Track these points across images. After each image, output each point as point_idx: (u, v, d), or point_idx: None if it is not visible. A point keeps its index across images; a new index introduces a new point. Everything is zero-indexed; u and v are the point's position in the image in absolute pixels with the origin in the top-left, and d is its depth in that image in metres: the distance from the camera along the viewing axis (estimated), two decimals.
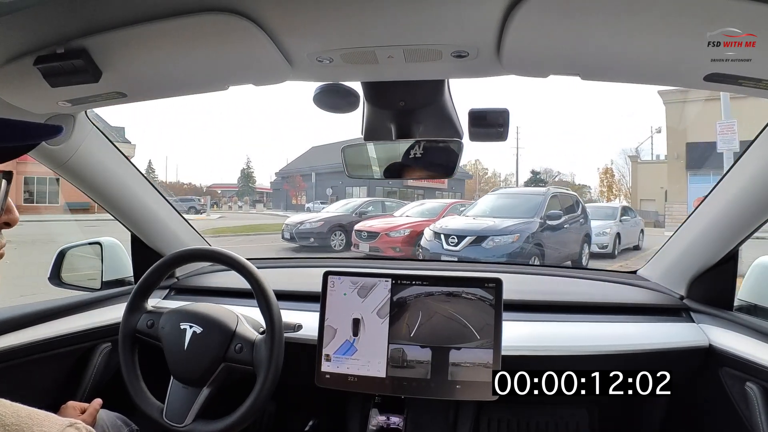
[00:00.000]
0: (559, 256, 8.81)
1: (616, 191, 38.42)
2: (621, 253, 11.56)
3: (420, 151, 1.24)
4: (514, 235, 7.93)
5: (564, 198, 9.71)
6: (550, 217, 8.65)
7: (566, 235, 9.03)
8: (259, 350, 1.33)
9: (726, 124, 9.76)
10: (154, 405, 1.37)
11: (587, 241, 9.71)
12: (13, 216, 0.74)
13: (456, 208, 11.15)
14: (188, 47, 0.91)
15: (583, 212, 9.99)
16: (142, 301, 1.47)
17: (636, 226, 13.24)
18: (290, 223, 12.04)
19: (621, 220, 12.12)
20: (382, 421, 1.44)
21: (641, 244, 13.13)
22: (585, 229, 9.76)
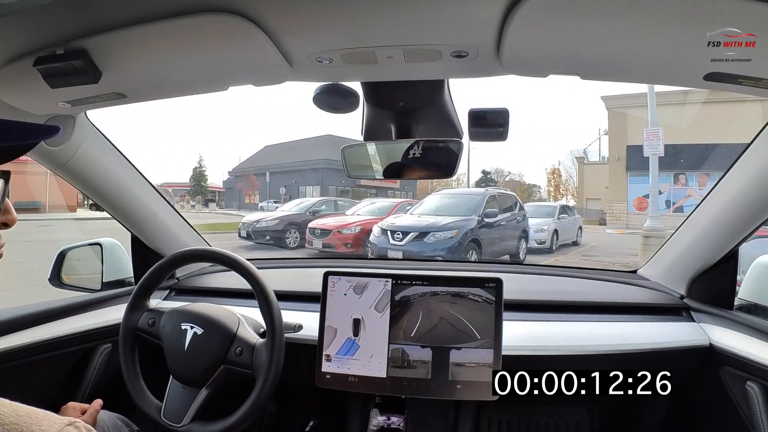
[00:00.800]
0: (496, 250, 9.79)
1: (563, 191, 39.88)
2: (559, 248, 12.59)
3: (419, 151, 1.24)
4: (452, 231, 8.78)
5: (503, 198, 10.65)
6: (487, 215, 9.52)
7: (503, 231, 10.01)
8: (260, 354, 1.33)
9: (652, 131, 11.11)
10: (153, 403, 1.37)
11: (524, 237, 10.78)
12: (11, 216, 0.74)
13: (403, 207, 12.02)
14: (188, 48, 0.91)
15: (521, 211, 11.01)
16: (144, 299, 1.47)
17: (574, 224, 14.52)
18: (247, 222, 12.45)
19: (559, 218, 13.20)
20: (383, 421, 1.44)
21: (579, 240, 14.41)
22: (522, 227, 10.77)
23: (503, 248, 10.04)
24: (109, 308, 1.65)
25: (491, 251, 9.49)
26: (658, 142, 10.92)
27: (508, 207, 10.55)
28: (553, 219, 12.85)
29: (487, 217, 9.48)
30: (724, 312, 1.48)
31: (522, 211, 11.09)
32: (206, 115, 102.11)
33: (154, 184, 1.70)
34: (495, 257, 9.64)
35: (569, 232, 13.78)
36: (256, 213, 14.69)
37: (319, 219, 11.98)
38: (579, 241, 14.33)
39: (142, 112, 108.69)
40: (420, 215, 9.87)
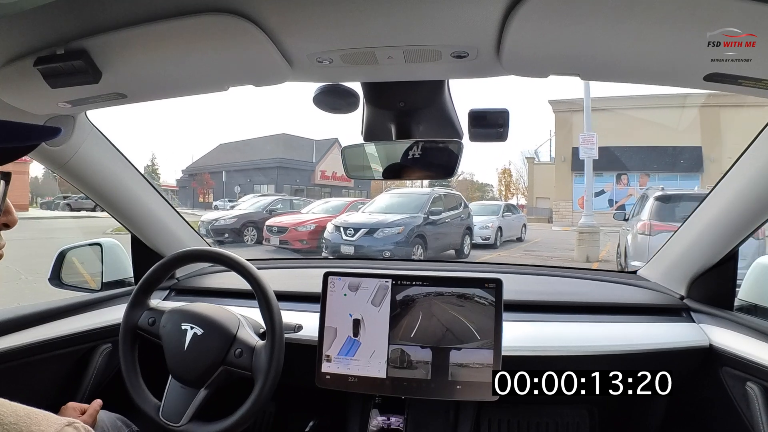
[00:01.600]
0: (441, 245, 10.64)
1: (513, 190, 41.46)
2: (503, 244, 13.55)
3: (419, 151, 1.24)
4: (399, 227, 9.58)
5: (449, 198, 11.46)
6: (432, 213, 10.33)
7: (448, 228, 10.79)
8: (259, 356, 1.33)
9: (587, 136, 12.21)
10: (151, 402, 1.37)
11: (468, 234, 11.49)
12: (12, 217, 0.74)
13: (356, 206, 12.77)
14: (188, 48, 0.91)
15: (466, 209, 11.83)
16: (145, 297, 1.47)
17: (519, 221, 15.64)
18: (205, 220, 12.92)
19: (503, 216, 14.23)
20: (383, 422, 1.44)
21: (523, 237, 15.47)
22: (466, 224, 11.52)
23: (448, 243, 10.86)
24: (109, 308, 1.65)
25: (436, 246, 10.33)
26: (592, 147, 12.08)
27: (454, 206, 11.34)
28: (497, 217, 13.88)
29: (432, 215, 10.28)
30: (724, 313, 1.48)
31: (466, 209, 11.92)
32: (159, 112, 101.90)
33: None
34: (440, 251, 10.51)
35: (513, 229, 14.83)
36: (214, 212, 15.04)
37: (276, 217, 12.58)
38: (523, 238, 15.37)
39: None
40: (371, 213, 10.61)
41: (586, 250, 10.92)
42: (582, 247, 11.06)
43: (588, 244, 10.98)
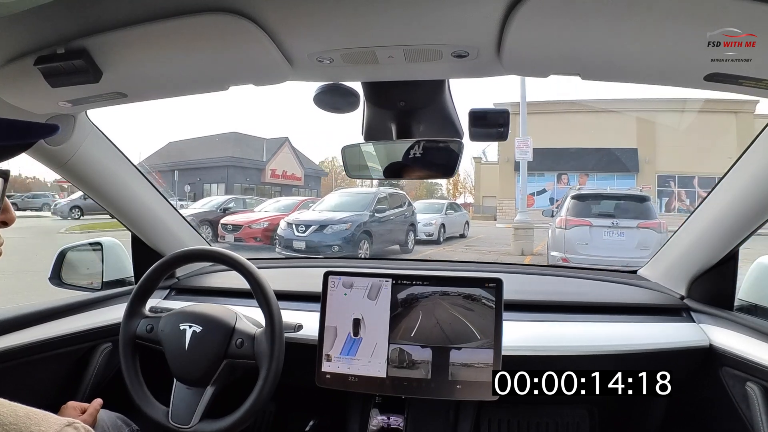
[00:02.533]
0: (386, 240, 11.42)
1: (461, 189, 42.93)
2: (446, 240, 14.32)
3: (420, 151, 1.24)
4: (347, 224, 10.26)
5: (394, 198, 12.21)
6: (377, 211, 11.09)
7: (392, 225, 11.62)
8: (260, 343, 1.33)
9: (522, 140, 13.10)
10: (159, 409, 1.37)
11: (412, 230, 12.36)
12: (9, 215, 0.75)
13: (307, 204, 13.38)
14: (189, 47, 0.91)
15: (410, 207, 12.70)
16: (140, 306, 1.47)
17: (461, 219, 16.45)
18: None
19: (446, 214, 15.00)
20: (383, 421, 1.44)
21: (466, 233, 16.32)
22: (410, 221, 12.40)
23: (393, 239, 11.68)
24: (109, 308, 1.65)
25: (382, 241, 11.14)
26: (527, 150, 13.06)
27: (398, 204, 12.12)
28: (440, 214, 14.64)
29: (377, 213, 11.08)
30: (724, 313, 1.48)
31: (410, 207, 12.77)
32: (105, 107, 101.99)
33: (52, 182, 1.69)
34: (385, 246, 11.32)
35: (456, 226, 15.65)
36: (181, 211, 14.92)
37: (230, 216, 13.25)
38: (466, 234, 16.25)
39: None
40: (320, 211, 11.29)
41: (522, 244, 11.69)
42: (518, 241, 11.83)
43: (523, 239, 11.77)
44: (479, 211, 28.58)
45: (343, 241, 10.01)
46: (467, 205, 29.96)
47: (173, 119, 77.07)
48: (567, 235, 7.43)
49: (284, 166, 32.97)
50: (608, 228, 7.41)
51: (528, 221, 12.06)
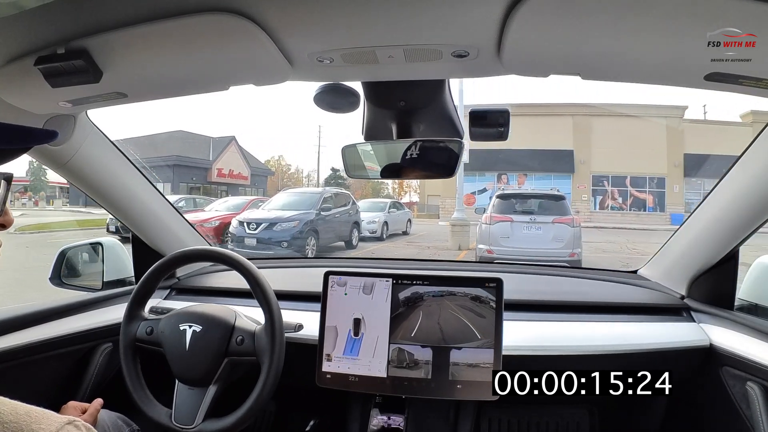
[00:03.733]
0: (332, 237, 12.19)
1: (406, 188, 43.85)
2: (390, 237, 15.17)
3: (420, 151, 1.24)
4: (295, 222, 10.93)
5: (339, 197, 13.05)
6: (323, 209, 11.81)
7: (337, 223, 12.38)
8: (261, 339, 1.34)
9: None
10: (162, 410, 1.37)
11: (356, 228, 13.18)
12: (8, 218, 0.75)
13: (256, 204, 13.83)
14: (189, 47, 0.90)
15: (354, 206, 13.49)
16: (140, 308, 1.47)
17: (404, 217, 17.50)
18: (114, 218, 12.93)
19: (389, 212, 15.89)
20: (383, 421, 1.44)
21: (409, 231, 17.28)
22: (354, 219, 13.20)
23: (338, 236, 12.47)
24: (109, 308, 1.65)
25: (327, 238, 11.93)
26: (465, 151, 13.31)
27: (343, 203, 12.89)
28: (384, 213, 15.47)
29: (323, 211, 11.79)
30: (724, 312, 1.48)
31: (355, 206, 13.60)
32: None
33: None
34: (331, 243, 12.11)
35: (399, 224, 16.63)
36: None
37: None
38: (408, 231, 17.22)
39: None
40: (269, 210, 11.92)
41: (459, 240, 12.46)
42: (455, 237, 12.64)
43: (459, 235, 12.55)
44: (424, 210, 29.19)
45: (291, 237, 10.73)
46: (412, 204, 30.48)
47: (117, 118, 77.46)
48: (491, 229, 8.41)
49: (231, 165, 32.96)
50: (527, 223, 8.45)
51: (464, 218, 12.95)
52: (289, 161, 64.85)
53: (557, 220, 8.38)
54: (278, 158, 53.01)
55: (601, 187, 25.12)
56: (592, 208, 24.91)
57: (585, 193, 24.91)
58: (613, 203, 25.10)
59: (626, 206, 25.06)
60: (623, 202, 25.05)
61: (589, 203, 25.06)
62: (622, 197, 25.07)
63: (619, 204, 25.06)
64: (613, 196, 25.12)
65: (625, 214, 24.51)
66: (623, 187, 24.96)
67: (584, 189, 24.87)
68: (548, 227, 8.35)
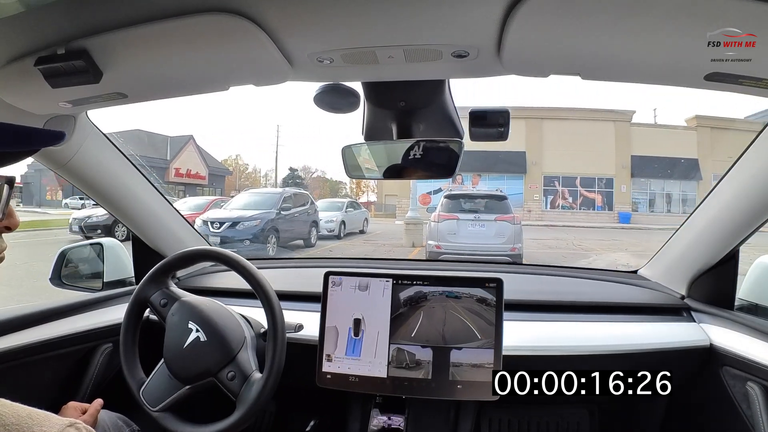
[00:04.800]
0: (292, 236, 12.71)
1: (364, 188, 44.95)
2: (347, 235, 15.88)
3: (420, 151, 1.24)
4: (256, 221, 11.38)
5: (298, 197, 13.67)
6: (283, 209, 12.34)
7: (297, 222, 12.92)
8: (249, 388, 1.29)
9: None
10: (138, 377, 1.38)
11: (315, 227, 13.73)
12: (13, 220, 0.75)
13: (217, 204, 14.39)
14: (189, 48, 0.90)
15: (313, 206, 14.06)
16: (164, 277, 1.46)
17: (361, 216, 18.05)
18: (78, 217, 13.57)
19: (346, 211, 16.55)
20: (383, 421, 1.44)
21: (365, 229, 17.87)
22: (313, 218, 13.76)
23: (297, 234, 13.00)
24: (109, 308, 1.65)
25: (287, 236, 12.44)
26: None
27: (302, 203, 13.48)
28: (341, 212, 16.17)
29: (283, 211, 12.31)
30: (724, 312, 1.48)
31: (313, 206, 14.16)
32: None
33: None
34: (290, 241, 12.65)
35: (356, 223, 17.18)
36: (86, 209, 15.34)
37: None
38: (365, 230, 17.81)
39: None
40: (231, 210, 12.39)
41: (412, 237, 13.11)
42: (409, 235, 13.27)
43: (413, 233, 13.15)
44: (381, 210, 29.62)
45: (253, 236, 11.18)
46: (370, 204, 30.85)
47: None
48: (439, 227, 9.17)
49: (188, 164, 32.84)
50: (471, 221, 9.21)
51: (418, 217, 13.75)
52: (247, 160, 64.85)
53: (499, 218, 9.16)
54: (236, 157, 52.87)
55: (552, 187, 26.44)
56: (544, 208, 26.19)
57: (537, 193, 26.16)
58: (563, 203, 26.50)
59: (576, 205, 26.52)
60: (573, 201, 26.52)
61: (541, 203, 26.33)
62: (573, 197, 26.51)
63: (570, 203, 26.50)
64: (563, 195, 26.50)
65: (575, 213, 26.01)
66: (573, 187, 26.33)
67: (536, 189, 26.25)
68: (491, 224, 9.15)
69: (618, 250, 13.62)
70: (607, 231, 20.22)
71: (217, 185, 35.71)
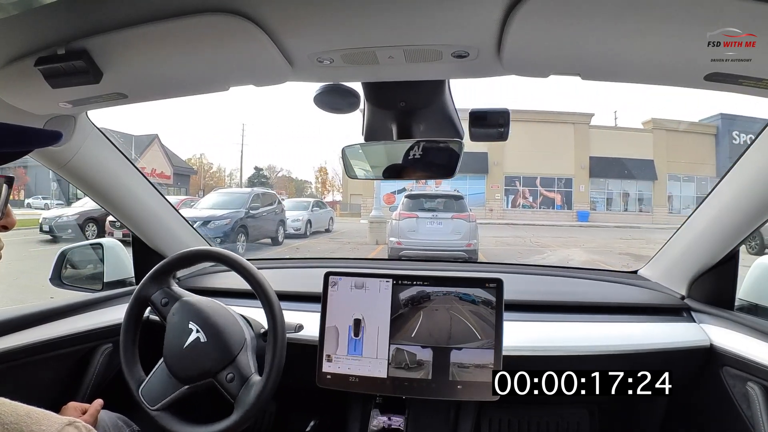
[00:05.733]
0: (260, 234, 13.08)
1: (329, 187, 45.27)
2: (313, 234, 16.35)
3: (420, 151, 1.24)
4: (227, 219, 11.69)
5: (266, 196, 14.07)
6: (252, 208, 12.67)
7: (265, 221, 13.29)
8: (248, 391, 1.29)
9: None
10: (137, 376, 1.38)
11: (282, 225, 14.12)
12: (10, 219, 0.75)
13: (187, 203, 14.79)
14: (189, 48, 0.91)
15: (280, 205, 14.45)
16: (165, 276, 1.46)
17: (326, 215, 18.66)
18: (48, 217, 13.58)
19: (312, 211, 17.11)
20: (384, 422, 1.44)
21: (331, 228, 18.47)
22: (280, 217, 14.13)
23: (266, 233, 13.40)
24: (110, 308, 1.65)
25: (256, 235, 12.83)
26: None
27: (269, 203, 13.86)
28: (307, 211, 16.63)
29: (252, 210, 12.66)
30: (724, 312, 1.48)
31: (280, 205, 14.55)
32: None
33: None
34: (259, 239, 13.02)
35: (322, 222, 17.81)
36: (55, 209, 15.63)
37: None
38: (331, 229, 18.41)
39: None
40: (201, 209, 12.73)
41: (376, 235, 13.58)
42: (372, 233, 13.86)
43: (377, 231, 13.57)
44: (347, 209, 29.79)
45: (224, 234, 11.43)
46: (335, 203, 31.10)
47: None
48: (400, 224, 9.78)
49: (153, 164, 32.30)
50: (430, 219, 9.81)
51: (382, 216, 14.34)
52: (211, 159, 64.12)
53: (456, 216, 9.80)
54: (200, 156, 51.69)
55: (513, 186, 27.25)
56: (505, 207, 26.92)
57: (498, 193, 26.88)
58: (524, 202, 27.28)
59: (536, 204, 27.31)
60: (534, 200, 27.35)
61: (502, 202, 27.03)
62: (533, 196, 27.35)
63: (530, 202, 27.33)
64: (524, 195, 27.31)
65: (535, 211, 26.77)
66: (534, 187, 27.20)
67: (497, 189, 26.93)
68: (448, 222, 9.76)
69: (572, 247, 14.44)
70: (566, 229, 21.23)
71: (182, 185, 35.47)
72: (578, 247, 14.20)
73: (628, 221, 24.65)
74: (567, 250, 13.54)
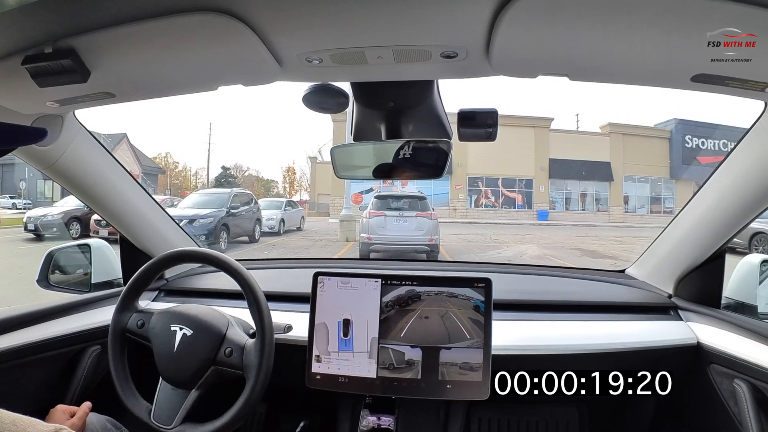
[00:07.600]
0: (240, 232, 13.74)
1: (297, 187, 46.38)
2: (286, 232, 17.20)
3: (409, 151, 1.24)
4: (210, 218, 12.29)
5: (243, 196, 14.75)
6: (232, 207, 13.34)
7: (243, 219, 13.99)
8: (249, 354, 1.32)
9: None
10: (142, 405, 1.36)
11: (258, 224, 14.88)
12: None
13: (166, 203, 14.67)
14: (178, 47, 0.90)
15: (256, 205, 15.18)
16: (133, 300, 1.46)
17: (298, 215, 19.53)
18: (33, 216, 13.89)
19: (285, 210, 17.87)
20: (373, 422, 1.44)
21: (302, 227, 19.36)
22: (257, 216, 14.89)
23: (244, 231, 14.03)
24: (97, 310, 1.63)
25: (236, 232, 13.47)
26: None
27: (247, 201, 14.57)
28: (280, 211, 17.41)
29: (233, 209, 13.31)
30: (711, 311, 1.49)
31: (257, 204, 15.31)
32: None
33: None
34: (238, 237, 13.64)
35: (294, 221, 18.72)
36: (39, 208, 15.65)
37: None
38: (302, 228, 19.33)
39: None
40: (184, 208, 13.20)
41: (346, 233, 14.54)
42: (343, 231, 14.78)
43: (347, 229, 14.58)
44: (314, 208, 30.17)
45: (208, 232, 11.96)
46: (303, 202, 31.18)
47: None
48: (370, 222, 10.71)
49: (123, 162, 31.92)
50: (396, 217, 10.78)
51: (351, 215, 15.22)
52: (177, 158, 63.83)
53: (420, 215, 10.81)
54: (165, 155, 51.37)
55: (476, 187, 28.56)
56: (468, 206, 28.09)
57: (462, 193, 28.05)
58: (486, 201, 28.68)
59: (498, 204, 28.75)
60: (496, 200, 28.79)
61: (466, 202, 28.24)
62: (495, 196, 28.76)
63: (492, 202, 28.73)
64: (486, 195, 28.73)
65: (497, 211, 28.19)
66: (496, 187, 28.61)
67: (461, 189, 28.19)
68: (413, 220, 10.77)
69: (528, 243, 15.52)
70: (526, 227, 22.27)
71: (150, 184, 35.06)
72: (533, 243, 15.29)
73: (586, 220, 25.83)
74: (522, 246, 14.70)
